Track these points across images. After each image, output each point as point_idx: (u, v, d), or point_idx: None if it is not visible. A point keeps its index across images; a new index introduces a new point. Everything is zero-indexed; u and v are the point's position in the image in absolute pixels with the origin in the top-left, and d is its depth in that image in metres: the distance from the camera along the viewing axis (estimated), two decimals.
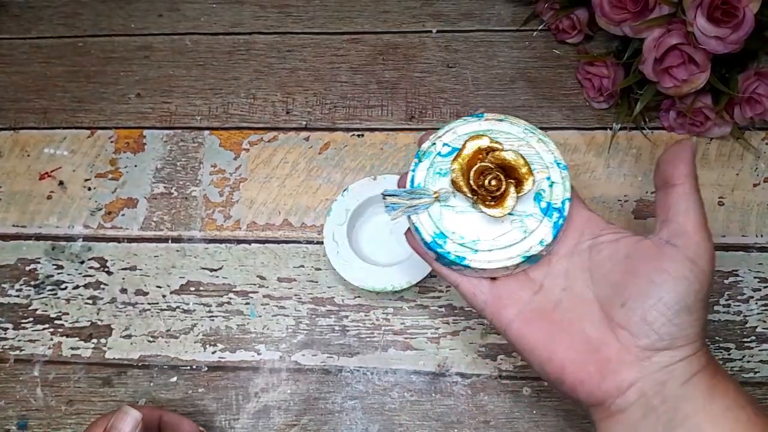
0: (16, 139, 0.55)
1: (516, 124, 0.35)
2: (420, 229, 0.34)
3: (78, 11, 0.60)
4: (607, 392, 0.31)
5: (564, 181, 0.34)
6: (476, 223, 0.34)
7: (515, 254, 0.33)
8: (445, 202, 0.34)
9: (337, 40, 0.57)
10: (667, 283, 0.30)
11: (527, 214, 0.33)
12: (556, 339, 0.32)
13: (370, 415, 0.46)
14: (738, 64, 0.48)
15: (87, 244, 0.51)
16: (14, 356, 0.49)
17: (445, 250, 0.33)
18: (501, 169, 0.33)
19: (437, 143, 0.35)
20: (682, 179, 0.32)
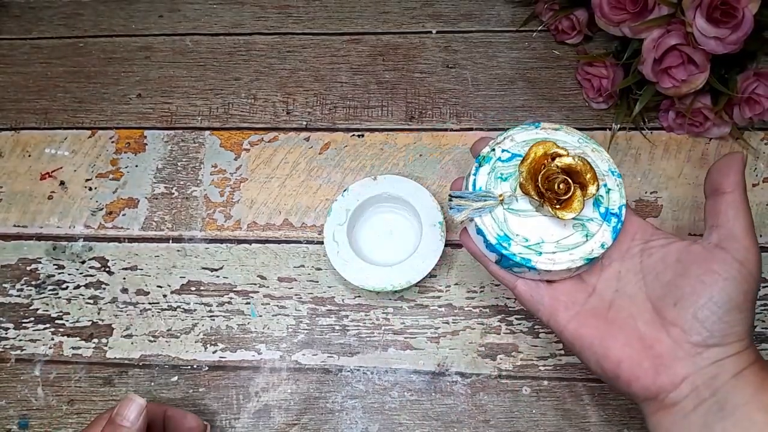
0: (17, 139, 0.55)
1: (571, 134, 0.37)
2: (484, 231, 0.35)
3: (79, 12, 0.61)
4: (662, 387, 0.32)
5: (620, 188, 0.36)
6: (539, 227, 0.35)
7: (578, 256, 0.34)
8: (509, 205, 0.35)
9: (338, 41, 0.58)
10: (718, 283, 0.32)
11: (588, 218, 0.35)
12: (611, 337, 0.34)
13: (370, 415, 0.46)
14: (737, 64, 0.48)
15: (88, 244, 0.52)
16: (15, 356, 0.49)
17: (510, 252, 0.34)
18: (566, 173, 0.34)
19: (496, 149, 0.37)
20: (732, 187, 0.34)
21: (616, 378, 0.34)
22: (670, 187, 0.51)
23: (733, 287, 0.32)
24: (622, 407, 0.45)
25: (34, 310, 0.50)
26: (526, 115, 0.54)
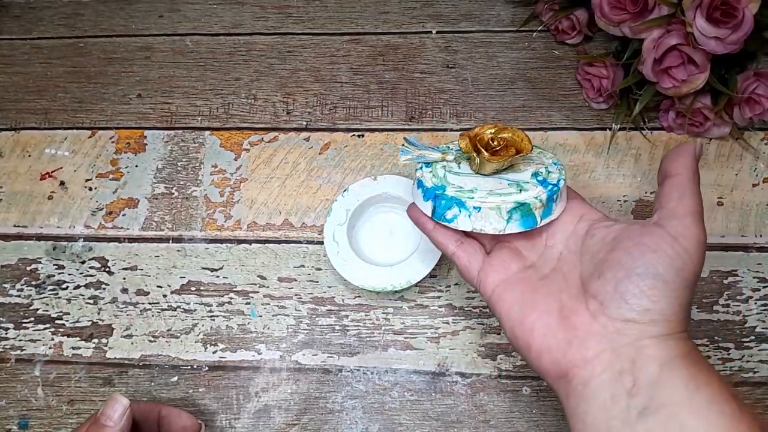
0: (17, 139, 0.55)
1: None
2: (423, 181, 0.37)
3: (79, 12, 0.61)
4: (572, 361, 0.30)
5: (560, 172, 0.37)
6: (475, 180, 0.37)
7: (509, 200, 0.34)
8: (450, 169, 0.38)
9: (338, 41, 0.58)
10: (645, 255, 0.30)
11: (524, 181, 0.36)
12: (531, 303, 0.33)
13: (371, 415, 0.46)
14: (737, 64, 0.48)
15: (88, 244, 0.52)
16: (15, 356, 0.49)
17: (444, 194, 0.35)
18: (506, 141, 0.37)
19: (446, 150, 0.40)
20: (681, 170, 0.32)
21: (528, 348, 0.32)
22: None
23: (661, 261, 0.29)
24: None
25: (34, 310, 0.50)
26: (526, 115, 0.54)
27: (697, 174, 0.32)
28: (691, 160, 0.32)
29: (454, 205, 0.35)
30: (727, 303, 0.47)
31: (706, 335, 0.47)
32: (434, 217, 0.36)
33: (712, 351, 0.46)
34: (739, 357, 0.46)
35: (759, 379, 0.46)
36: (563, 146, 0.52)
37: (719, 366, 0.46)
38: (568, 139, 0.53)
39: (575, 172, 0.52)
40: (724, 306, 0.47)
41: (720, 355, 0.46)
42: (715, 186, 0.51)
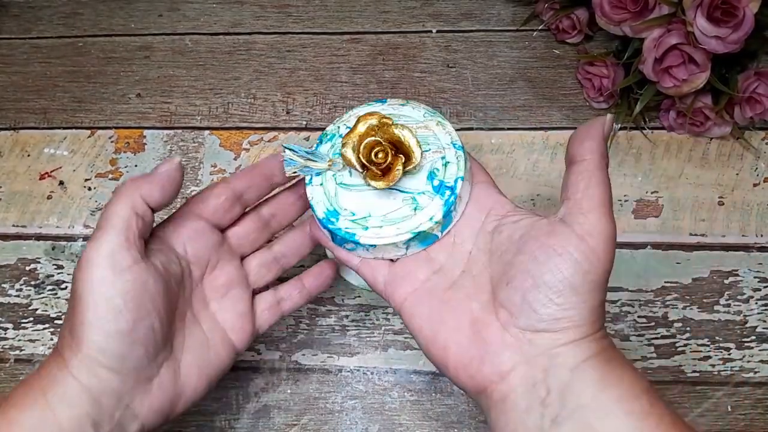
0: (16, 139, 0.55)
1: (417, 108, 0.36)
2: (315, 206, 0.34)
3: (78, 11, 0.60)
4: (487, 377, 0.29)
5: (459, 161, 0.34)
6: (369, 200, 0.34)
7: (405, 230, 0.33)
8: (341, 177, 0.35)
9: (337, 40, 0.57)
10: (551, 260, 0.28)
11: (419, 191, 0.34)
12: (442, 319, 0.31)
13: (370, 415, 0.46)
14: (738, 63, 0.48)
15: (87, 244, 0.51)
16: (14, 356, 0.49)
17: (336, 227, 0.34)
18: (392, 145, 0.33)
19: (340, 126, 0.36)
20: (588, 155, 0.30)
21: (445, 366, 0.31)
22: (671, 187, 0.51)
23: (567, 265, 0.28)
24: None
25: (33, 310, 0.50)
26: (526, 114, 0.54)
27: (605, 158, 0.30)
28: (599, 142, 0.30)
29: (348, 240, 0.34)
30: (728, 303, 0.47)
31: (707, 335, 0.47)
32: (334, 242, 0.35)
33: (713, 351, 0.46)
34: (740, 357, 0.46)
35: (760, 379, 0.45)
36: (564, 146, 0.52)
37: (720, 366, 0.46)
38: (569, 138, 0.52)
39: None
40: (724, 306, 0.47)
41: (721, 355, 0.46)
42: (716, 186, 0.51)
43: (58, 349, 0.31)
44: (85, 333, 0.30)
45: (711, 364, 0.46)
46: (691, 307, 0.47)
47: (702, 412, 0.45)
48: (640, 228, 0.50)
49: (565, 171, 0.31)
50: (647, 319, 0.47)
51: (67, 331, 0.31)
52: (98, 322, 0.30)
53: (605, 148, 0.30)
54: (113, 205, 0.32)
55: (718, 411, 0.45)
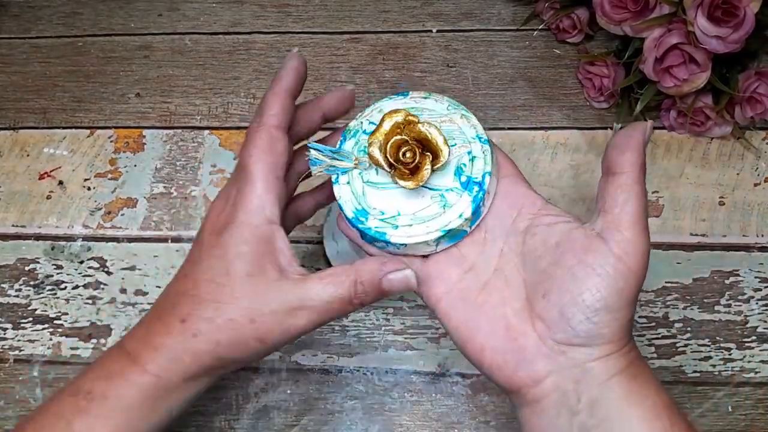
0: (16, 138, 0.55)
1: (440, 101, 0.36)
2: (343, 205, 0.34)
3: (77, 11, 0.60)
4: (522, 380, 0.30)
5: (485, 155, 0.34)
6: (397, 199, 0.34)
7: (434, 228, 0.33)
8: (368, 176, 0.34)
9: (337, 40, 0.57)
10: (590, 279, 0.29)
11: (447, 188, 0.33)
12: (477, 321, 0.32)
13: (371, 416, 0.46)
14: (738, 63, 0.48)
15: (86, 243, 0.51)
16: (13, 356, 0.48)
17: (366, 226, 0.33)
18: (418, 142, 0.33)
19: (364, 122, 0.36)
20: (627, 167, 0.30)
21: (480, 364, 0.31)
22: (672, 187, 0.51)
23: (605, 285, 0.29)
24: None
25: (33, 310, 0.50)
26: (526, 114, 0.53)
27: (644, 169, 0.30)
28: (639, 153, 0.30)
29: (379, 239, 0.33)
30: (729, 303, 0.47)
31: (708, 335, 0.47)
32: (363, 239, 0.35)
33: (714, 351, 0.46)
34: (741, 357, 0.46)
35: (760, 379, 0.45)
36: (564, 146, 0.52)
37: (721, 366, 0.46)
38: (569, 138, 0.52)
39: (576, 172, 0.51)
40: (725, 306, 0.47)
41: (721, 355, 0.46)
42: (717, 185, 0.50)
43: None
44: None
45: (712, 364, 0.46)
46: (692, 307, 0.47)
47: (703, 412, 0.45)
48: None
49: (601, 178, 0.31)
50: (648, 320, 0.47)
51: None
52: None
53: (644, 160, 0.30)
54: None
55: (719, 411, 0.45)
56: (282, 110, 0.33)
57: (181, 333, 0.30)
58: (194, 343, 0.30)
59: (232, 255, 0.31)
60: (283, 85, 0.33)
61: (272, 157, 0.32)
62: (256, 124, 0.33)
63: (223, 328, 0.30)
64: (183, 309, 0.31)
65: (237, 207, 0.31)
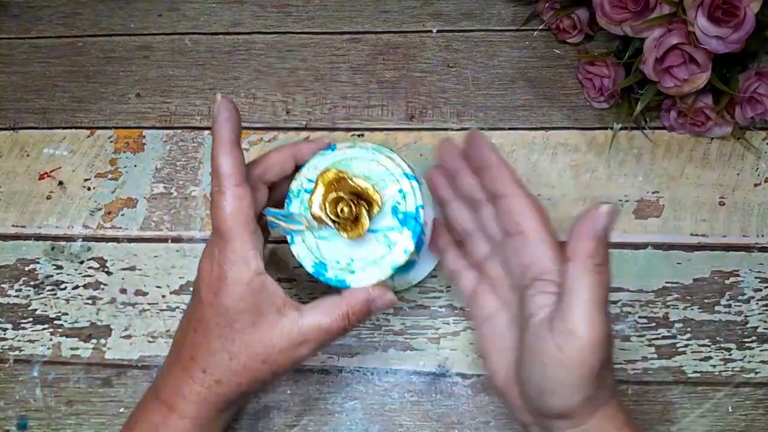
0: (16, 138, 0.55)
1: (364, 147, 0.39)
2: (303, 262, 0.37)
3: (77, 11, 0.60)
4: (518, 421, 0.36)
5: (414, 190, 0.37)
6: (348, 247, 0.37)
7: (387, 267, 0.36)
8: (318, 231, 0.37)
9: (337, 40, 0.57)
10: (536, 363, 0.32)
11: (388, 227, 0.37)
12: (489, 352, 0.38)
13: (371, 416, 0.46)
14: (738, 63, 0.48)
15: (86, 244, 0.51)
16: (14, 356, 0.48)
17: (327, 278, 0.37)
18: (353, 195, 0.36)
19: (303, 181, 0.39)
20: (578, 256, 0.31)
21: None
22: (672, 187, 0.51)
23: (547, 372, 0.31)
24: None
25: (33, 310, 0.50)
26: (527, 114, 0.53)
27: (598, 257, 0.31)
28: (592, 242, 0.31)
29: (342, 286, 0.36)
30: (729, 303, 0.47)
31: (708, 336, 0.47)
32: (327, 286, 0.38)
33: (714, 351, 0.46)
34: (741, 357, 0.46)
35: (760, 379, 0.45)
36: (564, 146, 0.52)
37: (721, 366, 0.46)
38: (569, 138, 0.52)
39: (576, 172, 0.51)
40: (725, 306, 0.47)
41: (721, 355, 0.46)
42: (717, 186, 0.50)
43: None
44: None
45: (712, 364, 0.46)
46: (692, 308, 0.47)
47: (703, 412, 0.45)
48: (640, 228, 0.50)
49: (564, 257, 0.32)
50: (648, 320, 0.47)
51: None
52: None
53: (598, 246, 0.31)
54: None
55: (719, 411, 0.45)
56: (234, 165, 0.35)
57: (205, 381, 0.35)
58: (219, 388, 0.35)
59: (233, 312, 0.34)
60: (225, 139, 0.35)
61: (242, 216, 0.34)
62: (217, 188, 0.35)
63: (241, 372, 0.35)
64: (201, 362, 0.35)
65: (223, 267, 0.34)
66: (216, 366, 0.35)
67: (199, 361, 0.35)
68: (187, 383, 0.35)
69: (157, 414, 0.36)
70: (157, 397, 0.37)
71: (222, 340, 0.35)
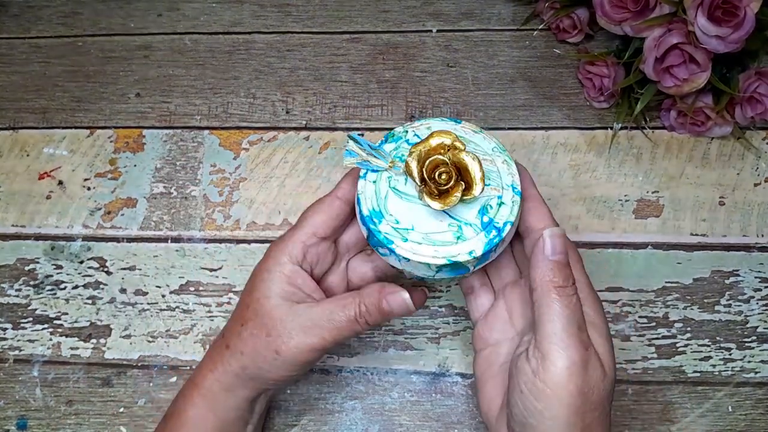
0: (16, 138, 0.55)
1: (488, 140, 0.36)
2: (362, 200, 0.34)
3: (77, 11, 0.60)
4: None
5: (513, 206, 0.34)
6: (416, 214, 0.34)
7: (441, 255, 0.33)
8: (395, 182, 0.35)
9: (337, 40, 0.57)
10: (513, 394, 0.32)
11: (467, 222, 0.34)
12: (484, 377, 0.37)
13: (370, 416, 0.46)
14: (738, 63, 0.48)
15: (86, 243, 0.51)
16: (13, 356, 0.48)
17: (377, 229, 0.34)
18: (456, 168, 0.33)
19: (409, 131, 0.36)
20: (537, 285, 0.32)
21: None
22: (672, 187, 0.51)
23: (522, 404, 0.31)
24: (623, 408, 0.45)
25: (33, 310, 0.50)
26: (527, 114, 0.53)
27: (567, 278, 0.32)
28: (548, 271, 0.32)
29: (385, 245, 0.34)
30: (729, 303, 0.47)
31: (708, 335, 0.47)
32: (369, 242, 0.36)
33: (714, 351, 0.46)
34: (741, 357, 0.46)
35: (760, 379, 0.45)
36: (564, 145, 0.52)
37: (721, 366, 0.46)
38: (569, 138, 0.52)
39: (576, 172, 0.51)
40: (725, 306, 0.47)
41: (721, 355, 0.46)
42: (717, 185, 0.50)
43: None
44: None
45: (712, 364, 0.46)
46: (692, 308, 0.47)
47: (703, 412, 0.45)
48: (640, 228, 0.50)
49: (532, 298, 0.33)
50: (648, 320, 0.47)
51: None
52: None
53: (556, 269, 0.32)
54: None
55: (719, 411, 0.45)
56: (347, 192, 0.37)
57: (219, 348, 0.38)
58: (225, 354, 0.37)
59: (262, 287, 0.37)
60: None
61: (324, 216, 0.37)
62: (328, 195, 0.38)
63: (246, 339, 0.36)
64: (225, 328, 0.38)
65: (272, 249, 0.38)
66: (230, 332, 0.37)
67: (224, 331, 0.38)
68: (210, 355, 0.38)
69: (184, 386, 0.39)
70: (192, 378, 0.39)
71: (240, 307, 0.38)
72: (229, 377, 0.37)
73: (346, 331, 0.35)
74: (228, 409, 0.37)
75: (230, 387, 0.37)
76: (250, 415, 0.39)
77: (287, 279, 0.36)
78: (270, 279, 0.36)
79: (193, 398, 0.37)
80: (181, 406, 0.38)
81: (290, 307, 0.36)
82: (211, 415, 0.37)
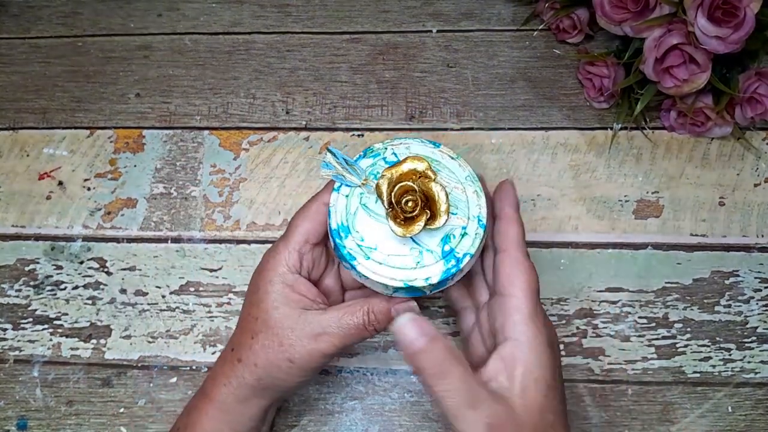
0: (16, 138, 0.55)
1: (463, 168, 0.37)
2: (332, 213, 0.35)
3: (77, 11, 0.60)
4: None
5: (475, 238, 0.35)
6: (381, 234, 0.35)
7: (399, 278, 0.34)
8: (366, 199, 0.36)
9: (337, 40, 0.57)
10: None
11: (428, 249, 0.35)
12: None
13: (370, 416, 0.46)
14: (738, 64, 0.48)
15: (86, 244, 0.51)
16: (13, 356, 0.48)
17: (342, 243, 0.35)
18: (424, 197, 0.34)
19: (388, 149, 0.37)
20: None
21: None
22: (672, 187, 0.51)
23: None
24: (623, 408, 0.45)
25: (33, 310, 0.50)
26: (527, 114, 0.53)
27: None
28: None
29: (347, 261, 0.35)
30: (729, 303, 0.47)
31: (708, 336, 0.47)
32: (335, 253, 0.37)
33: (714, 352, 0.46)
34: (741, 358, 0.46)
35: (760, 380, 0.45)
36: (564, 146, 0.52)
37: (721, 367, 0.46)
38: (569, 138, 0.52)
39: (576, 172, 0.51)
40: (725, 306, 0.47)
41: (721, 355, 0.46)
42: (717, 186, 0.50)
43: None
44: None
45: (712, 364, 0.46)
46: (692, 308, 0.47)
47: (703, 413, 0.45)
48: (640, 228, 0.50)
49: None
50: (648, 320, 0.47)
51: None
52: None
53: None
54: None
55: (719, 412, 0.45)
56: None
57: (231, 362, 0.38)
58: (238, 368, 0.37)
59: (268, 299, 0.37)
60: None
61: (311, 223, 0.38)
62: (313, 200, 0.38)
63: (258, 351, 0.37)
64: (235, 346, 0.38)
65: (268, 259, 0.38)
66: (241, 345, 0.38)
67: (233, 345, 0.38)
68: (221, 368, 0.38)
69: (195, 399, 0.40)
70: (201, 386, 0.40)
71: (252, 321, 0.37)
72: (244, 390, 0.37)
73: (355, 337, 0.36)
74: (243, 420, 0.38)
75: (245, 399, 0.38)
76: (263, 424, 0.40)
77: (291, 288, 0.37)
78: (274, 290, 0.37)
79: (208, 411, 0.38)
80: (195, 419, 0.38)
81: (299, 315, 0.36)
82: (227, 427, 0.38)
